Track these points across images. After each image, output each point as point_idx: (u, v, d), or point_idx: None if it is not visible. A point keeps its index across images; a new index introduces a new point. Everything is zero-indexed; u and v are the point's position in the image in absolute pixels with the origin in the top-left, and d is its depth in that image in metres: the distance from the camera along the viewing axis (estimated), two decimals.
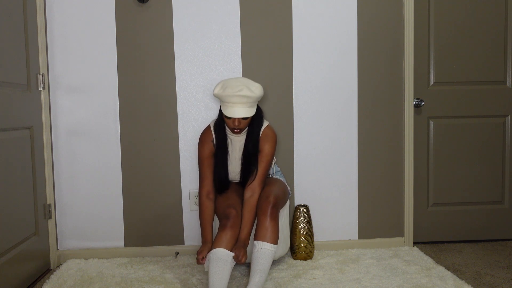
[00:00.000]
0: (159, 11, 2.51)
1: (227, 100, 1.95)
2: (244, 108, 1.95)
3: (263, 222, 1.96)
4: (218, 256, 1.87)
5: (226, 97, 1.95)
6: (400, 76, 2.63)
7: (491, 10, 2.70)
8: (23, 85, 2.23)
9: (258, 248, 1.91)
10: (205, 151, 2.15)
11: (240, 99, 1.93)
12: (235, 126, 2.01)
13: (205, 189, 2.15)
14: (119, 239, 2.58)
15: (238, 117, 1.95)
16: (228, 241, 1.91)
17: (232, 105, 1.95)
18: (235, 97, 1.92)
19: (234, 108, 1.95)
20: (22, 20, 2.21)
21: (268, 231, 1.94)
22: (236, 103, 1.94)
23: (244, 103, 1.95)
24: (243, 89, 1.93)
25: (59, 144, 2.51)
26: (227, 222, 1.95)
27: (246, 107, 1.96)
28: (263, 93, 2.03)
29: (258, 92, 1.98)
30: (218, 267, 1.85)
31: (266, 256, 1.91)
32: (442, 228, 2.79)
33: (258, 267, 1.89)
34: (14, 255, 2.07)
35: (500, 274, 2.25)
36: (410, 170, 2.65)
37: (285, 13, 2.56)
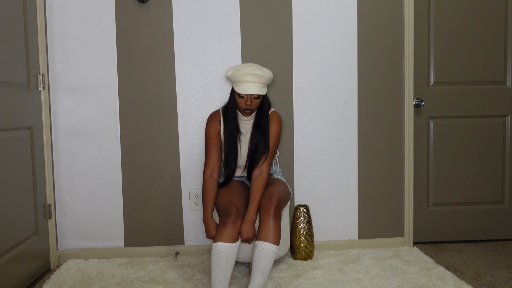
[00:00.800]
0: (159, 11, 2.51)
1: (241, 79, 2.06)
2: (256, 86, 2.07)
3: (266, 222, 1.96)
4: (220, 251, 1.86)
5: (240, 76, 2.06)
6: (400, 76, 2.63)
7: (491, 10, 2.70)
8: (23, 85, 2.23)
9: (260, 248, 1.91)
10: (212, 130, 2.19)
11: (253, 78, 2.05)
12: (247, 105, 2.09)
13: (209, 168, 2.16)
14: (119, 239, 2.58)
15: (251, 93, 2.05)
16: (229, 235, 1.90)
17: (245, 83, 2.06)
18: (249, 75, 2.04)
19: (247, 86, 2.06)
20: (22, 20, 2.21)
21: (270, 232, 1.93)
22: (249, 81, 2.06)
23: (257, 82, 2.07)
24: (255, 69, 2.05)
25: (59, 144, 2.51)
26: (228, 219, 1.93)
27: (258, 86, 2.07)
28: (272, 76, 2.14)
29: (269, 73, 2.11)
30: (220, 261, 1.86)
31: (268, 257, 1.91)
32: (442, 228, 2.79)
33: (260, 267, 1.90)
34: (14, 255, 2.07)
35: (500, 274, 2.25)
36: (410, 170, 2.65)
37: (285, 13, 2.56)
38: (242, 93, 2.06)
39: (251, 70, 2.05)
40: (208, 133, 2.20)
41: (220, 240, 1.88)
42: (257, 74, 2.05)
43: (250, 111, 2.12)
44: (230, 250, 1.88)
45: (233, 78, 2.10)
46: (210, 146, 2.19)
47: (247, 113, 2.12)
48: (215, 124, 2.20)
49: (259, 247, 1.91)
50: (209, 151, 2.19)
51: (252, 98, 2.08)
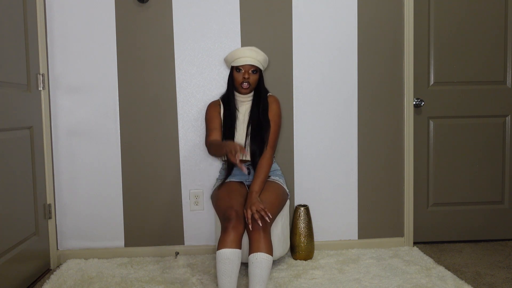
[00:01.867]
0: (159, 11, 2.51)
1: (239, 54, 2.20)
2: (253, 59, 2.19)
3: (255, 237, 1.91)
4: (225, 257, 1.85)
5: (237, 52, 2.20)
6: (400, 76, 2.63)
7: (491, 10, 2.70)
8: (23, 85, 2.23)
9: (254, 259, 1.85)
10: (212, 112, 2.30)
11: (250, 53, 2.20)
12: (244, 78, 2.19)
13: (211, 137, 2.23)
14: (119, 239, 2.58)
15: (248, 63, 2.17)
16: (232, 241, 1.88)
17: (242, 57, 2.19)
18: (246, 50, 2.20)
19: (244, 58, 2.18)
20: (22, 20, 2.21)
21: (261, 243, 1.89)
22: (246, 56, 2.19)
23: (254, 58, 2.20)
24: (252, 48, 2.22)
25: (59, 144, 2.51)
26: (229, 224, 1.91)
27: (255, 61, 2.20)
28: (267, 60, 2.29)
29: (264, 54, 2.25)
30: (226, 267, 1.84)
31: (263, 266, 1.84)
32: (442, 228, 2.79)
33: (257, 277, 1.84)
34: (14, 255, 2.07)
35: (500, 274, 2.25)
36: (410, 170, 2.65)
37: (285, 13, 2.56)
38: (239, 64, 2.18)
39: (249, 47, 2.22)
40: (209, 114, 2.30)
41: (224, 247, 1.86)
42: (254, 50, 2.21)
43: (248, 86, 2.21)
44: (234, 255, 1.86)
45: (231, 56, 2.22)
46: (211, 123, 2.27)
47: (245, 87, 2.21)
48: (215, 108, 2.31)
49: (253, 259, 1.86)
50: (210, 126, 2.27)
51: (249, 71, 2.19)
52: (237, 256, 1.87)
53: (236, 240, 1.89)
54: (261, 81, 2.29)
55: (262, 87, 2.30)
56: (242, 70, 2.19)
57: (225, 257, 1.84)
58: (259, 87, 2.28)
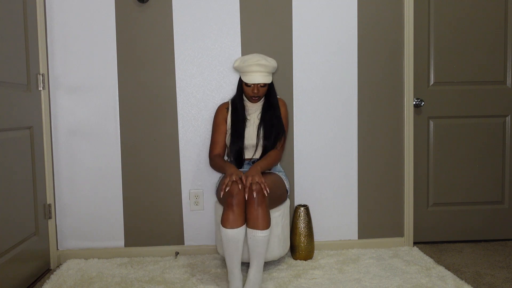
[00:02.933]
0: (159, 11, 2.51)
1: (247, 69, 2.22)
2: (262, 76, 2.22)
3: (252, 212, 1.99)
4: (229, 238, 1.97)
5: (246, 67, 2.21)
6: (400, 76, 2.63)
7: (491, 10, 2.70)
8: (23, 85, 2.23)
9: (251, 236, 2.00)
10: (219, 117, 2.36)
11: (259, 68, 2.20)
12: (254, 93, 2.26)
13: (215, 152, 2.34)
14: (119, 239, 2.58)
15: (257, 82, 2.21)
16: (235, 220, 1.97)
17: (252, 73, 2.22)
18: (255, 66, 2.20)
19: (253, 75, 2.22)
20: (22, 20, 2.21)
21: (258, 220, 1.99)
22: (255, 71, 2.21)
23: (262, 72, 2.22)
24: (260, 60, 2.21)
25: (59, 144, 2.51)
26: (232, 200, 1.97)
27: (263, 75, 2.23)
28: (276, 65, 2.29)
29: (273, 62, 2.27)
30: (231, 247, 1.98)
31: (259, 243, 2.00)
32: (442, 228, 2.79)
33: (255, 253, 2.01)
34: (14, 255, 2.07)
35: (500, 274, 2.25)
36: (410, 170, 2.65)
37: (285, 13, 2.56)
38: (249, 82, 2.23)
39: (256, 61, 2.20)
40: (215, 120, 2.37)
41: (229, 227, 1.97)
42: (262, 64, 2.20)
43: (258, 98, 2.30)
44: (238, 235, 1.98)
45: (240, 69, 2.25)
46: (216, 133, 2.36)
47: (254, 100, 2.30)
48: (222, 112, 2.37)
49: (250, 235, 2.00)
50: (214, 138, 2.36)
51: (258, 86, 2.25)
52: (241, 234, 1.99)
53: (239, 218, 1.98)
54: (271, 87, 2.35)
55: (273, 92, 2.35)
56: (251, 85, 2.25)
57: (230, 237, 1.97)
58: (269, 91, 2.35)
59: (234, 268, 2.00)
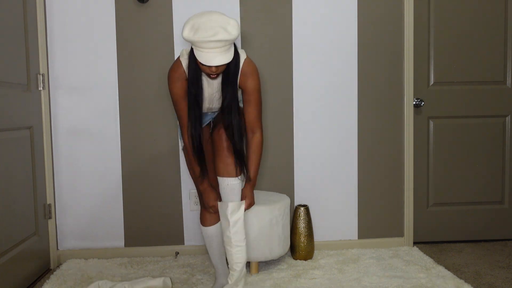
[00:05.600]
0: (159, 11, 2.51)
1: (201, 45, 1.65)
2: (221, 54, 1.67)
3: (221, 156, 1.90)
4: (209, 235, 2.05)
5: (199, 42, 1.64)
6: (400, 76, 2.63)
7: (491, 10, 2.70)
8: (23, 85, 2.23)
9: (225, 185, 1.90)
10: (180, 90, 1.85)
11: (216, 44, 1.64)
12: (211, 72, 1.72)
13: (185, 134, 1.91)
14: (119, 239, 2.58)
15: (216, 65, 1.67)
16: (213, 218, 2.03)
17: (207, 51, 1.66)
18: (210, 42, 1.63)
19: (209, 55, 1.66)
20: (22, 20, 2.21)
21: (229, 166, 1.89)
22: (212, 48, 1.65)
23: (221, 48, 1.66)
24: (218, 32, 1.63)
25: (59, 144, 2.51)
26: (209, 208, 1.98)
27: (223, 52, 1.68)
28: (239, 30, 1.71)
29: (236, 32, 1.67)
30: (213, 243, 2.05)
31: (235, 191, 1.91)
32: (442, 228, 2.79)
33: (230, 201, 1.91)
34: (14, 255, 2.07)
35: (500, 274, 2.25)
36: (410, 170, 2.65)
37: (285, 13, 2.55)
38: (204, 63, 1.68)
39: (212, 36, 1.62)
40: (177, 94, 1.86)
41: (208, 225, 2.04)
42: (220, 39, 1.63)
43: (217, 75, 1.77)
44: (218, 230, 2.04)
45: (191, 42, 1.69)
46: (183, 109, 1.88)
47: (213, 77, 1.77)
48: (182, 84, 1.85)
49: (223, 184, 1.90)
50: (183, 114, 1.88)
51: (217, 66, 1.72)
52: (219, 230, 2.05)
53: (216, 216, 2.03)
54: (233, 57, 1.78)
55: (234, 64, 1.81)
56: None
57: (209, 234, 2.05)
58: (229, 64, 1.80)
59: (218, 263, 2.06)
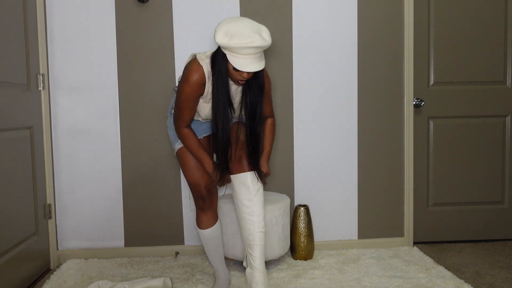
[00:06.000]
0: (159, 11, 2.51)
1: (237, 51, 1.67)
2: (256, 61, 1.69)
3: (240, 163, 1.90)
4: (207, 237, 2.03)
5: (236, 48, 1.65)
6: (400, 76, 2.63)
7: (491, 10, 2.70)
8: (23, 85, 2.23)
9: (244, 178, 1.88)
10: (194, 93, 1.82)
11: (253, 50, 1.66)
12: (243, 78, 1.74)
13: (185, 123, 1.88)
14: (119, 239, 2.58)
15: (253, 71, 1.68)
16: (209, 220, 2.02)
17: (243, 57, 1.68)
18: (248, 49, 1.64)
19: (246, 61, 1.67)
20: (22, 20, 2.21)
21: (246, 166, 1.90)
22: (249, 54, 1.67)
23: (257, 54, 1.69)
24: (255, 39, 1.64)
25: (59, 144, 2.51)
26: (203, 204, 1.99)
27: (258, 59, 1.70)
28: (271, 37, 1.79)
29: (270, 39, 1.72)
30: (211, 245, 2.05)
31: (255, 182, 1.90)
32: (442, 228, 2.79)
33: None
34: (14, 255, 2.07)
35: (500, 274, 2.25)
36: (410, 170, 2.65)
37: (285, 13, 2.56)
38: (240, 69, 1.69)
39: (250, 43, 1.63)
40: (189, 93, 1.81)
41: (205, 227, 2.02)
42: (258, 46, 1.65)
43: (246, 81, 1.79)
44: (215, 232, 2.05)
45: (227, 48, 1.68)
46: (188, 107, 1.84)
47: (241, 83, 1.79)
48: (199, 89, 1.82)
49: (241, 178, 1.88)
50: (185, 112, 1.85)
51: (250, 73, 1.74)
52: (217, 232, 2.06)
53: (213, 218, 2.04)
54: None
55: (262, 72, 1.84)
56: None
57: (208, 237, 2.03)
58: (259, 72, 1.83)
59: (218, 264, 2.06)
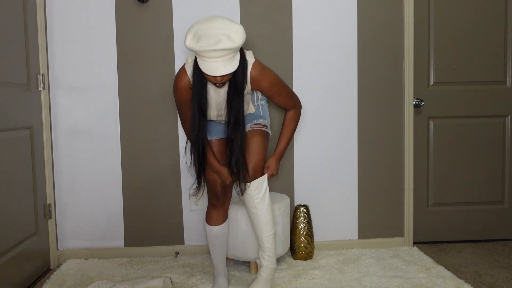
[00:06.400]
0: (159, 11, 2.51)
1: (203, 55, 1.61)
2: (225, 64, 1.62)
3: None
4: (213, 234, 2.05)
5: (201, 52, 1.60)
6: (400, 76, 2.63)
7: (491, 10, 2.70)
8: (23, 85, 2.23)
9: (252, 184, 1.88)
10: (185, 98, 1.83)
11: (219, 53, 1.59)
12: (216, 81, 1.68)
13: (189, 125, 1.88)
14: (119, 239, 2.58)
15: (220, 75, 1.63)
16: (219, 218, 2.04)
17: (210, 60, 1.61)
18: (213, 51, 1.58)
19: (213, 64, 1.61)
20: (22, 20, 2.21)
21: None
22: (216, 57, 1.60)
23: (225, 56, 1.61)
24: (222, 40, 1.58)
25: (59, 144, 2.51)
26: (217, 202, 2.01)
27: (228, 61, 1.62)
28: (245, 36, 1.65)
29: (240, 39, 1.61)
30: (216, 242, 2.06)
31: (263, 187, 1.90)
32: (442, 228, 2.79)
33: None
34: (14, 255, 2.07)
35: (500, 274, 2.25)
36: (410, 170, 2.65)
37: (285, 14, 2.56)
38: (208, 74, 1.64)
39: (215, 44, 1.56)
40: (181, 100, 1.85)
41: (214, 224, 2.04)
42: (224, 48, 1.58)
43: (223, 84, 1.72)
44: (223, 230, 2.06)
45: (194, 51, 1.64)
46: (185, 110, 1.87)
47: (219, 86, 1.73)
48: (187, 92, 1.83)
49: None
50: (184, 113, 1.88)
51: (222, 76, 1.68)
52: (225, 230, 2.07)
53: (223, 217, 2.06)
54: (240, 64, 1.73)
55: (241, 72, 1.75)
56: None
57: (214, 234, 2.04)
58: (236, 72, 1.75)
59: (219, 263, 2.07)
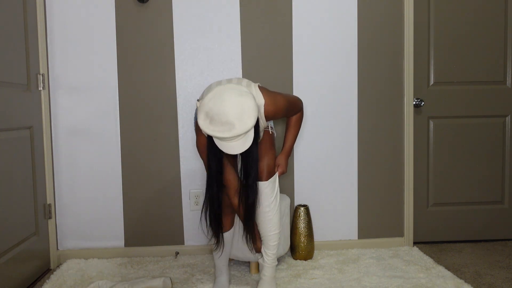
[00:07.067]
0: (159, 11, 2.51)
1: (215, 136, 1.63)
2: (240, 143, 1.64)
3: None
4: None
5: (215, 137, 1.63)
6: (400, 76, 2.63)
7: (491, 10, 2.70)
8: (23, 85, 2.23)
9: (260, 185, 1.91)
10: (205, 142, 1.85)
11: (234, 137, 1.61)
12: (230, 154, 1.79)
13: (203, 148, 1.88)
14: (119, 239, 2.58)
15: (234, 153, 1.66)
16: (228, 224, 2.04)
17: (222, 144, 1.66)
18: (227, 138, 1.61)
19: (228, 144, 1.64)
20: (22, 20, 2.21)
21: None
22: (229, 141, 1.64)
23: (240, 136, 1.63)
24: (234, 126, 1.58)
25: (59, 144, 2.51)
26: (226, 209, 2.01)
27: (242, 140, 1.64)
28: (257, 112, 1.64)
29: (252, 120, 1.60)
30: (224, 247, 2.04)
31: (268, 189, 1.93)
32: (442, 228, 2.79)
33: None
34: (14, 255, 2.07)
35: (500, 274, 2.25)
36: (410, 170, 2.65)
37: (285, 13, 2.56)
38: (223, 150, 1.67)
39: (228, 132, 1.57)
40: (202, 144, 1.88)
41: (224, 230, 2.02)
42: (236, 135, 1.59)
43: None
44: (229, 236, 2.06)
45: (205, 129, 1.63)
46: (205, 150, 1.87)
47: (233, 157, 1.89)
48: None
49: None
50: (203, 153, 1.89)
51: None
52: (230, 237, 2.07)
53: (231, 222, 2.06)
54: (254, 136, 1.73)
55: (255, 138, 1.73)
56: None
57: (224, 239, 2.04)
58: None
59: (223, 265, 2.08)
